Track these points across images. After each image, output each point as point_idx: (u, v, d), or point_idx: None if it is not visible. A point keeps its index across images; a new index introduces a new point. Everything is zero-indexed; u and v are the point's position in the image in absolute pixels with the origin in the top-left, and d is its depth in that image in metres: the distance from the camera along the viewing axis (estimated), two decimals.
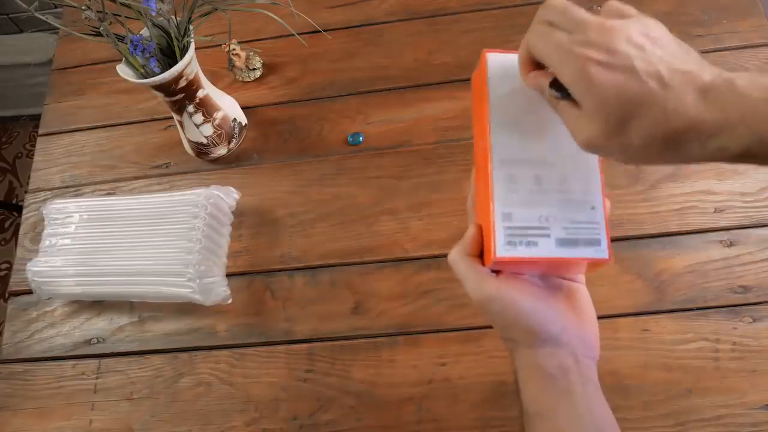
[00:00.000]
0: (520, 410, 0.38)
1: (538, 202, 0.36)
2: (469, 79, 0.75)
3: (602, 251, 0.36)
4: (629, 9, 0.33)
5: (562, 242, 0.36)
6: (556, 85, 0.34)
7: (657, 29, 0.31)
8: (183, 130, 0.73)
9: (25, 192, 0.81)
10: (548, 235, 0.36)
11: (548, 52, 0.33)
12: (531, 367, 0.38)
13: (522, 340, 0.38)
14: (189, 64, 0.63)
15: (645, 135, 0.30)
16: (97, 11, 0.57)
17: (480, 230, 0.39)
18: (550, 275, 0.40)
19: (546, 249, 0.36)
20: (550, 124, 0.37)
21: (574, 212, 0.37)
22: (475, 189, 0.40)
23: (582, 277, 0.41)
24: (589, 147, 0.32)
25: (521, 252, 0.35)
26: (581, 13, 0.32)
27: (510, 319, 0.37)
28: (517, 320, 0.37)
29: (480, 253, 0.39)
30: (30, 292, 0.69)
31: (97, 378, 0.66)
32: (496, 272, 0.38)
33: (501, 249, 0.35)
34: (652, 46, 0.30)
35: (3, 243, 1.65)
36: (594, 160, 0.38)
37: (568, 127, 0.33)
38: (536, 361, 0.37)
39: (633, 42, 0.30)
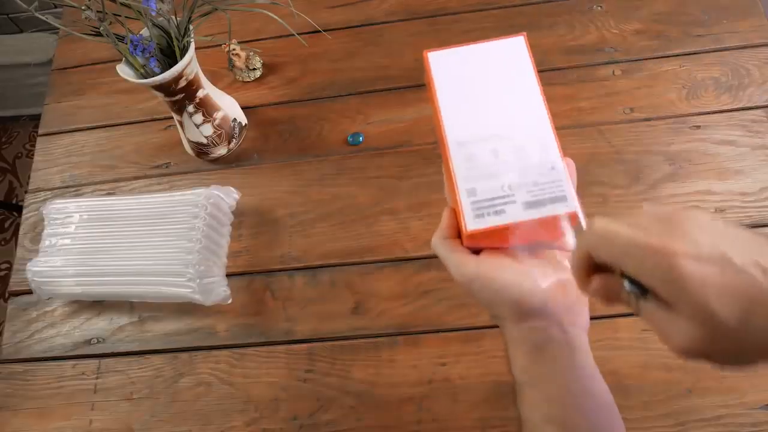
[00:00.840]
0: (513, 384, 0.39)
1: (499, 173, 0.38)
2: None
3: (569, 205, 0.37)
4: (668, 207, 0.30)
5: (529, 204, 0.37)
6: (630, 281, 0.29)
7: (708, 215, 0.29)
8: (183, 130, 0.73)
9: (25, 192, 0.81)
10: (514, 201, 0.37)
11: (619, 251, 0.28)
12: (517, 339, 0.38)
13: (506, 315, 0.38)
14: (189, 64, 0.63)
15: (764, 335, 0.25)
16: (97, 11, 0.57)
17: (454, 212, 0.40)
18: (538, 246, 0.41)
19: (514, 214, 0.37)
20: (498, 103, 0.40)
21: (535, 175, 0.38)
22: (446, 178, 0.42)
23: (570, 245, 0.41)
24: (690, 354, 0.27)
25: (490, 221, 0.37)
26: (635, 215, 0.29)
27: (491, 296, 0.37)
28: (499, 296, 0.37)
29: (458, 234, 0.40)
30: (30, 292, 0.69)
31: (97, 378, 0.66)
32: (479, 252, 0.40)
33: (471, 223, 0.37)
34: (725, 230, 0.27)
35: (3, 243, 1.65)
36: (546, 123, 0.39)
37: (657, 332, 0.28)
38: (522, 334, 0.38)
39: (709, 229, 0.27)
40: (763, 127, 0.69)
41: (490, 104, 0.40)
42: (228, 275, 0.68)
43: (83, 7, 0.57)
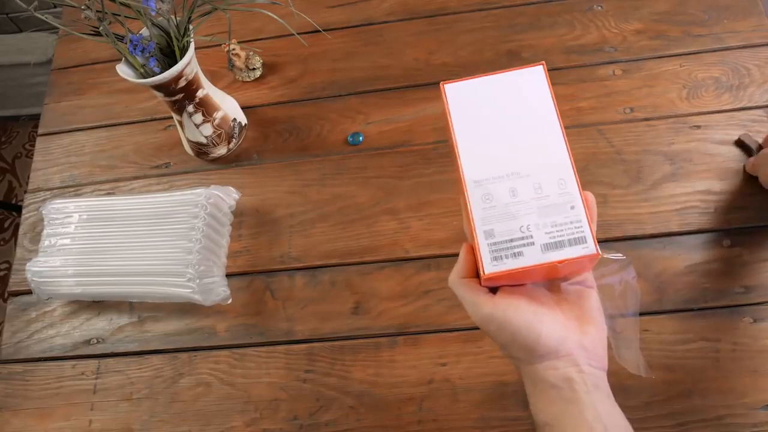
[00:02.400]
0: (532, 422, 0.38)
1: (517, 214, 0.37)
2: None
3: (588, 248, 0.37)
4: None
5: (548, 247, 0.37)
6: None
7: None
8: (183, 130, 0.73)
9: (25, 192, 0.81)
10: (532, 243, 0.37)
11: None
12: (535, 380, 0.38)
13: (522, 357, 0.38)
14: (189, 64, 0.63)
15: None
16: (97, 11, 0.57)
17: (471, 250, 0.40)
18: (557, 281, 0.40)
19: (532, 257, 0.36)
20: (516, 138, 0.39)
21: (554, 215, 0.37)
22: (464, 213, 0.41)
23: (592, 281, 0.41)
24: None
25: (509, 265, 0.36)
26: None
27: (507, 338, 0.37)
28: (514, 339, 0.37)
29: (476, 273, 0.40)
30: (29, 292, 0.69)
31: (96, 378, 0.66)
32: (497, 289, 0.39)
33: (488, 266, 0.37)
34: None
35: (2, 243, 1.65)
36: (566, 161, 0.39)
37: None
38: (539, 375, 0.37)
39: None
40: (763, 127, 0.69)
41: (508, 139, 0.39)
42: (228, 275, 0.68)
43: (83, 7, 0.57)
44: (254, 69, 0.81)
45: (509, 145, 0.39)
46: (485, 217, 0.38)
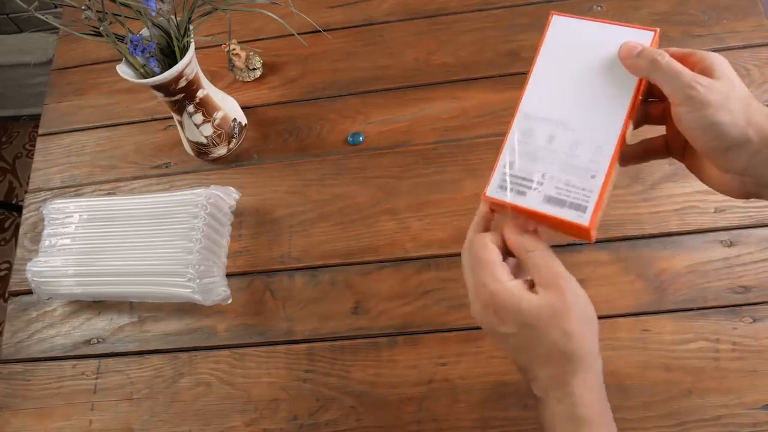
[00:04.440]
0: (533, 422, 0.39)
1: (543, 159, 0.38)
2: (469, 79, 0.75)
3: (583, 217, 0.37)
4: None
5: (549, 199, 0.38)
6: None
7: None
8: (183, 130, 0.73)
9: (25, 192, 0.81)
10: (539, 191, 0.38)
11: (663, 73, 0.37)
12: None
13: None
14: (189, 64, 0.63)
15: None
16: (97, 11, 0.57)
17: (490, 207, 0.41)
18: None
19: (531, 201, 0.38)
20: (586, 92, 0.39)
21: (572, 175, 0.38)
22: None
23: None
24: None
25: (508, 197, 0.38)
26: None
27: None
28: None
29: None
30: (30, 292, 0.69)
31: (96, 378, 0.66)
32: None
33: (491, 189, 0.39)
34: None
35: (3, 243, 1.65)
36: (615, 134, 0.38)
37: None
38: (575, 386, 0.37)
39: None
40: None
41: (578, 90, 0.39)
42: (228, 275, 0.68)
43: (83, 7, 0.57)
44: (254, 69, 0.81)
45: (575, 95, 0.39)
46: (515, 150, 0.39)
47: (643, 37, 0.39)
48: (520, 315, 0.36)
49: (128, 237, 0.68)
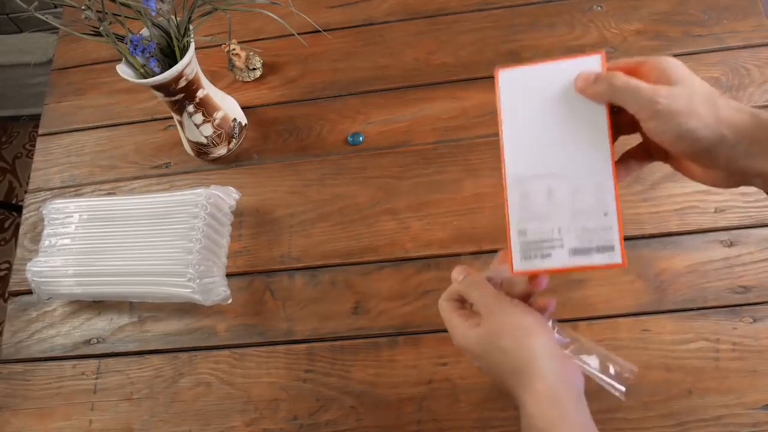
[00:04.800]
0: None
1: (551, 215, 0.38)
2: (469, 79, 0.75)
3: (615, 256, 0.37)
4: None
5: (575, 251, 0.37)
6: None
7: None
8: (183, 130, 0.73)
9: (25, 192, 0.81)
10: (561, 246, 0.38)
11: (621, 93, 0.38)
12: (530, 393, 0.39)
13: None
14: (189, 64, 0.63)
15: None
16: (97, 11, 0.57)
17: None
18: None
19: (559, 260, 0.37)
20: (563, 135, 0.39)
21: (586, 220, 0.38)
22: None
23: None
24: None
25: (536, 264, 0.38)
26: None
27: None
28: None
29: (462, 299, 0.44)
30: (30, 292, 0.69)
31: (96, 378, 0.66)
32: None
33: (517, 263, 0.38)
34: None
35: (3, 243, 1.65)
36: (608, 166, 0.38)
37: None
38: (535, 392, 0.38)
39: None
40: None
41: (554, 136, 0.39)
42: (228, 275, 0.68)
43: (83, 7, 0.57)
44: (254, 69, 0.81)
45: (554, 143, 0.39)
46: (521, 216, 0.39)
47: (591, 63, 0.39)
48: (471, 349, 0.41)
49: (128, 237, 0.68)
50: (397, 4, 0.85)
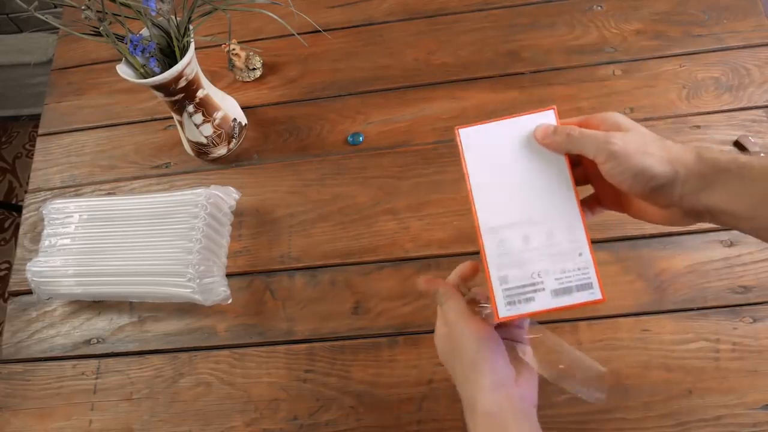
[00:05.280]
0: None
1: (529, 260, 0.40)
2: (469, 79, 0.75)
3: (595, 293, 0.40)
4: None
5: (557, 292, 0.39)
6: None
7: None
8: (183, 130, 0.73)
9: (25, 192, 0.81)
10: (543, 289, 0.40)
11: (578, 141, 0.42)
12: (474, 407, 0.41)
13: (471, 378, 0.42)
14: (189, 64, 0.63)
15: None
16: (97, 11, 0.57)
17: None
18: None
19: (543, 302, 0.39)
20: (527, 184, 0.41)
21: (564, 262, 0.40)
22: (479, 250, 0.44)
23: (526, 339, 0.45)
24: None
25: (521, 309, 0.39)
26: None
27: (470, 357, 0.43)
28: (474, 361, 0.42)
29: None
30: (30, 292, 0.69)
31: (96, 378, 0.66)
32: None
33: (503, 310, 0.40)
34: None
35: (3, 243, 1.65)
36: (574, 207, 0.41)
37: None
38: (478, 403, 0.41)
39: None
40: (763, 127, 0.69)
41: (521, 186, 0.41)
42: (228, 275, 0.68)
43: (83, 7, 0.57)
44: (254, 69, 0.81)
45: (522, 192, 0.41)
46: (500, 264, 0.40)
47: (546, 117, 0.42)
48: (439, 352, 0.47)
49: (128, 237, 0.68)
50: (397, 4, 0.85)
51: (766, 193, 0.35)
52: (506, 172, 0.41)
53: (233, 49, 0.79)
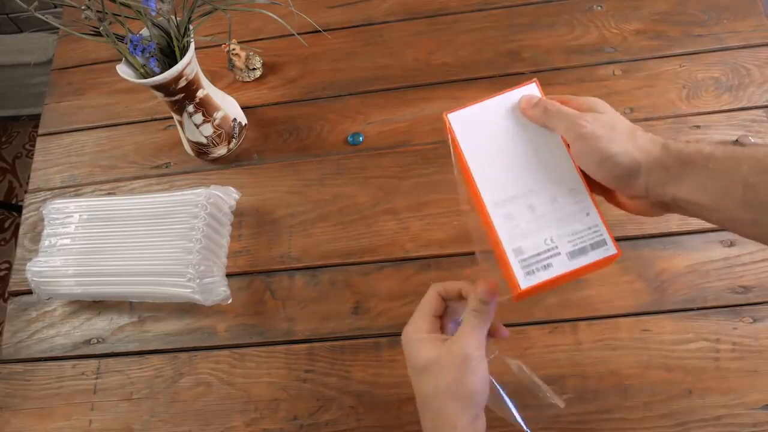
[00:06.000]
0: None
1: (540, 228, 0.40)
2: (469, 79, 0.75)
3: (610, 249, 0.40)
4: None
5: (573, 254, 0.40)
6: None
7: None
8: (183, 130, 0.73)
9: (25, 192, 0.81)
10: (559, 254, 0.40)
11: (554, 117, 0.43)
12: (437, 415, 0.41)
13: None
14: (189, 64, 0.63)
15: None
16: (97, 11, 0.57)
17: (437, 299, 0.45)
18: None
19: (561, 266, 0.39)
20: (524, 156, 0.42)
21: (573, 224, 0.40)
22: (483, 226, 0.43)
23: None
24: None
25: (542, 277, 0.39)
26: None
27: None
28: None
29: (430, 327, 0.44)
30: (30, 292, 0.69)
31: (96, 378, 0.66)
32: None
33: (523, 281, 0.39)
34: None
35: (3, 243, 1.65)
36: (573, 170, 0.41)
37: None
38: (440, 416, 0.41)
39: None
40: (763, 127, 0.69)
41: (516, 159, 0.42)
42: (228, 275, 0.68)
43: (83, 7, 0.57)
44: (254, 69, 0.81)
45: (519, 165, 0.42)
46: (511, 236, 0.40)
47: (530, 90, 0.43)
48: (408, 360, 0.44)
49: (128, 237, 0.68)
50: (397, 4, 0.85)
51: (728, 185, 0.35)
52: (501, 148, 0.42)
53: (233, 49, 0.79)
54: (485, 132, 0.43)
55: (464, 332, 0.41)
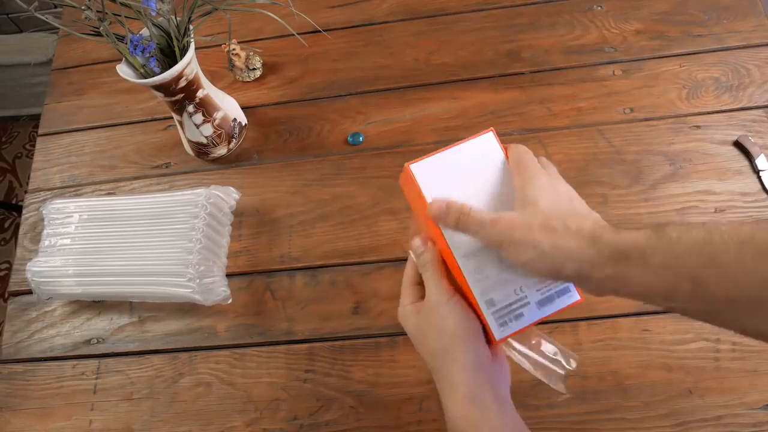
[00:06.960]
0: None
1: (508, 279, 0.41)
2: (468, 79, 0.75)
3: (574, 296, 0.42)
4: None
5: (541, 303, 0.41)
6: None
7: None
8: (183, 130, 0.73)
9: (25, 192, 0.81)
10: (528, 303, 0.41)
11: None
12: (455, 385, 0.41)
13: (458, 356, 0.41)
14: (189, 64, 0.63)
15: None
16: (97, 11, 0.57)
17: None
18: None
19: (531, 315, 0.41)
20: (488, 204, 0.42)
21: None
22: (453, 274, 0.43)
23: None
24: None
25: (514, 327, 0.41)
26: None
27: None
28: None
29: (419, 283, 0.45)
30: (30, 292, 0.69)
31: (97, 378, 0.66)
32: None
33: (497, 333, 0.41)
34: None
35: (3, 243, 1.65)
36: None
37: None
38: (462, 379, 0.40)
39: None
40: (763, 127, 0.69)
41: (482, 207, 0.41)
42: (228, 275, 0.68)
43: (83, 7, 0.57)
44: (254, 69, 0.81)
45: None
46: (483, 288, 0.41)
47: (486, 141, 0.43)
48: (408, 331, 0.45)
49: (128, 237, 0.68)
50: (397, 4, 0.85)
51: (675, 282, 0.32)
52: (463, 197, 0.41)
53: (233, 49, 0.79)
54: (446, 181, 0.43)
55: (426, 287, 0.43)
